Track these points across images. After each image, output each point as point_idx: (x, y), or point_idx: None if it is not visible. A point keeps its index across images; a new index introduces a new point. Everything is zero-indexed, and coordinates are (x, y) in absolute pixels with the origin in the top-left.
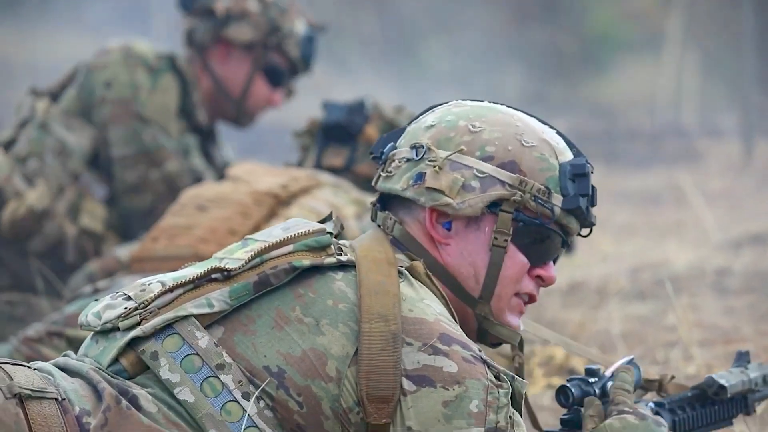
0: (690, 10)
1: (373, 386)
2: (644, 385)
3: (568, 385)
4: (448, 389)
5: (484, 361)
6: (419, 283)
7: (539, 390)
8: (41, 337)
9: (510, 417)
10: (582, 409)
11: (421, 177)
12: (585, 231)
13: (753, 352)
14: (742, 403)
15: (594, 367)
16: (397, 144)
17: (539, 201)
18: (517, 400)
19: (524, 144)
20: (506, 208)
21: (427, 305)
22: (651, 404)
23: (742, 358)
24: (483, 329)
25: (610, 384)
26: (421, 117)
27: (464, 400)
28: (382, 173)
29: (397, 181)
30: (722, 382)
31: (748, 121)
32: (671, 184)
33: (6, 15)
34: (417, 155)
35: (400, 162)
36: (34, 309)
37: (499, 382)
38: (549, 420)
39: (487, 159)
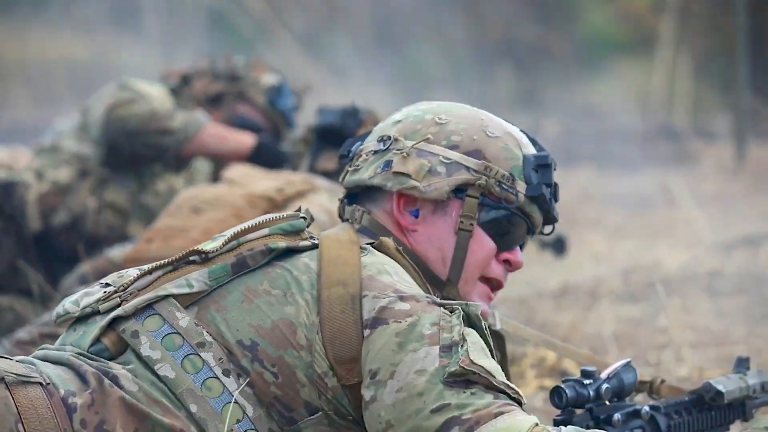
0: (683, 12)
1: (338, 349)
2: (637, 387)
3: (563, 386)
4: (400, 322)
5: (439, 303)
6: (384, 255)
7: (531, 391)
8: (33, 339)
9: (462, 333)
10: (575, 411)
11: (388, 164)
12: (548, 228)
13: (745, 354)
14: (740, 409)
15: (590, 369)
16: (365, 142)
17: (503, 186)
18: (473, 321)
19: (489, 135)
20: (472, 193)
21: (386, 271)
22: (646, 407)
23: (742, 365)
24: None
25: (605, 387)
26: (389, 117)
27: (416, 326)
28: (349, 169)
29: (364, 172)
30: (719, 387)
31: (740, 123)
32: (663, 186)
33: None
34: (384, 146)
35: (367, 155)
36: (20, 315)
37: (451, 311)
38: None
39: (453, 147)
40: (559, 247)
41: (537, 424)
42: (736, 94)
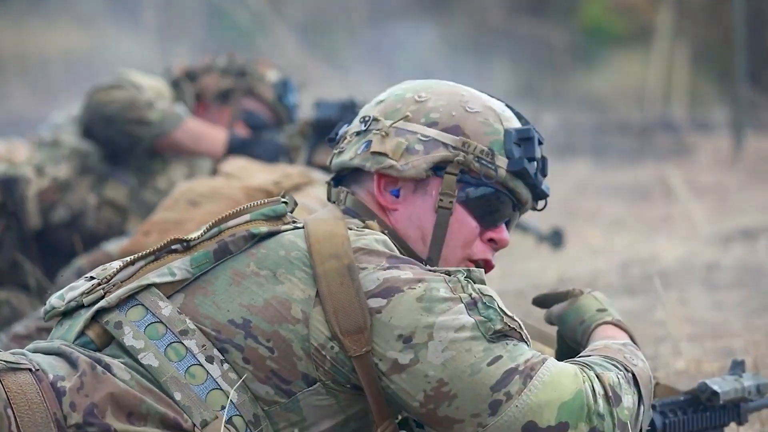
0: (680, 4)
1: (344, 321)
2: None
3: None
4: (414, 288)
5: (433, 271)
6: (369, 230)
7: None
8: (30, 333)
9: (477, 289)
10: None
11: (368, 144)
12: (540, 204)
13: (742, 346)
14: (734, 411)
15: None
16: (351, 125)
17: (482, 161)
18: (479, 284)
19: (468, 110)
20: (451, 170)
21: (375, 240)
22: None
23: (737, 367)
24: None
25: None
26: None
27: (432, 291)
28: (335, 152)
29: (347, 153)
30: (715, 387)
31: (737, 115)
32: (660, 178)
33: None
34: (365, 126)
35: (350, 137)
36: (17, 310)
37: (448, 274)
38: None
39: (432, 125)
40: (556, 240)
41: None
42: (734, 85)
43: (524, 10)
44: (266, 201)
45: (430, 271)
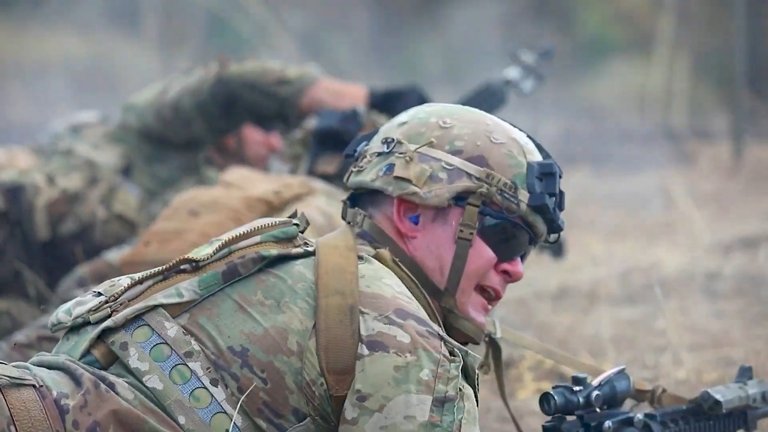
0: (680, 12)
1: (333, 358)
2: (635, 396)
3: (552, 392)
4: (400, 356)
5: (440, 337)
6: (381, 266)
7: (529, 394)
8: (32, 342)
9: (460, 389)
10: (566, 417)
11: (390, 168)
12: (553, 237)
13: (743, 356)
14: (740, 419)
15: (581, 376)
16: (370, 142)
17: (505, 195)
18: (470, 375)
19: (493, 141)
20: (473, 201)
21: (385, 284)
22: (639, 415)
23: (744, 374)
24: (448, 323)
25: (595, 394)
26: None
27: (415, 368)
28: (353, 169)
29: (367, 174)
30: (717, 396)
31: (738, 123)
32: (661, 187)
33: None
34: (388, 148)
35: (371, 157)
36: (17, 319)
37: (452, 357)
38: (538, 425)
39: (456, 153)
40: (557, 248)
41: None
42: (734, 93)
43: (524, 18)
44: (278, 222)
45: (436, 336)
